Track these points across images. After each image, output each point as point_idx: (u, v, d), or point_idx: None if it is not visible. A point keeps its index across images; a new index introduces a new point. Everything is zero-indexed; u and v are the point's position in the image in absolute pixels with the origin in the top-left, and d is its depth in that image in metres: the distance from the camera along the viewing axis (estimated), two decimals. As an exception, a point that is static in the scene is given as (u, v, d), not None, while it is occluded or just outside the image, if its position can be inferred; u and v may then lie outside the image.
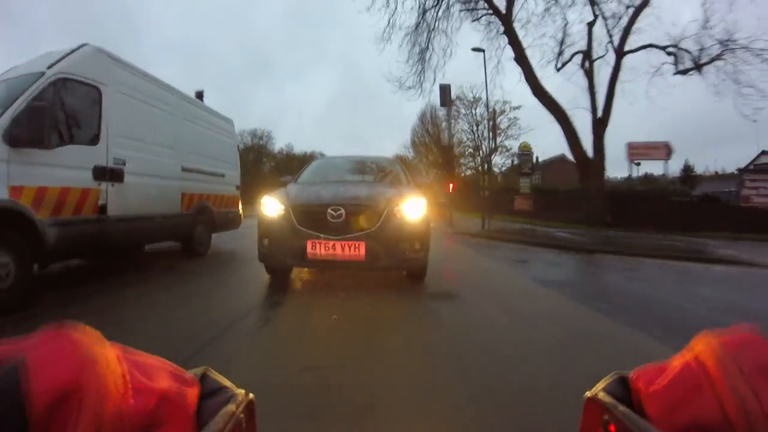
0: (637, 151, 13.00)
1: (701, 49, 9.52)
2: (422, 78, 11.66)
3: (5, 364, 0.21)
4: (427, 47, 11.17)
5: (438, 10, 11.53)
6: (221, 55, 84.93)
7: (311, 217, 2.96)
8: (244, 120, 71.79)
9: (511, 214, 17.08)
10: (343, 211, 2.93)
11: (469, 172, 30.28)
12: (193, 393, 0.27)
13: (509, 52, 11.17)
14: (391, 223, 2.96)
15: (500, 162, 30.35)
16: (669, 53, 9.96)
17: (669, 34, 11.71)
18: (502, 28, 11.38)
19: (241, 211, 6.38)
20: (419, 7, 11.41)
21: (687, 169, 51.84)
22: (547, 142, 51.52)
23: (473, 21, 11.75)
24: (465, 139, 28.12)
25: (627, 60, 10.76)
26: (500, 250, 6.45)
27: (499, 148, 28.69)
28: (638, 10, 10.28)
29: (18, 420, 0.19)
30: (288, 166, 33.40)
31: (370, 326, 2.30)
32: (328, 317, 2.40)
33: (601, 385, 0.31)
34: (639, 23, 10.44)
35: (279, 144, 43.84)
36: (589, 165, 10.53)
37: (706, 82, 9.76)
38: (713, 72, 9.73)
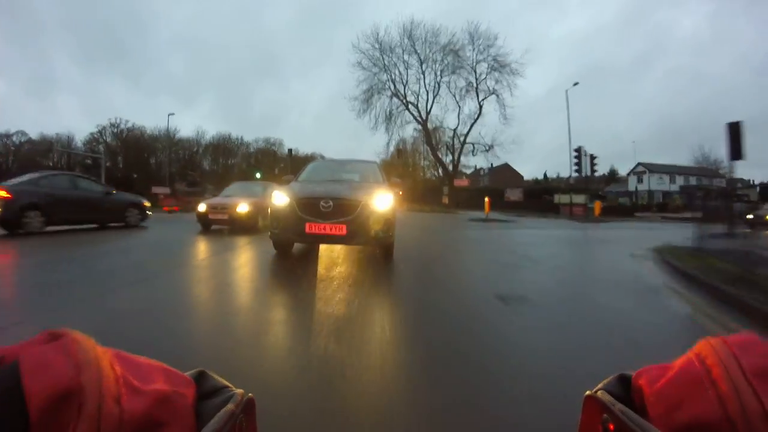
0: (458, 182, 30.00)
1: (478, 144, 26.79)
2: (389, 151, 28.59)
3: (2, 366, 0.21)
4: (389, 141, 27.63)
5: (396, 118, 28.12)
6: (227, 52, 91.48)
7: (309, 207, 4.14)
8: (248, 116, 79.62)
9: (440, 204, 33.83)
10: (331, 203, 4.11)
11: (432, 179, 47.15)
12: (190, 393, 0.27)
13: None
14: (366, 211, 4.12)
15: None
16: (473, 145, 27.06)
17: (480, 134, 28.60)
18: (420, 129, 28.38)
19: None
20: (386, 115, 28.10)
21: (611, 173, 71.20)
22: (498, 157, 68.11)
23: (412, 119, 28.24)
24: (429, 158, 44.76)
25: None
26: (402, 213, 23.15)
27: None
28: (473, 125, 27.35)
29: (21, 417, 0.19)
30: (293, 167, 45.32)
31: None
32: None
33: (601, 384, 0.31)
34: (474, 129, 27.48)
35: (286, 148, 52.19)
36: (450, 182, 27.60)
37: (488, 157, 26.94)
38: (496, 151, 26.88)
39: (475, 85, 26.13)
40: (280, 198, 4.33)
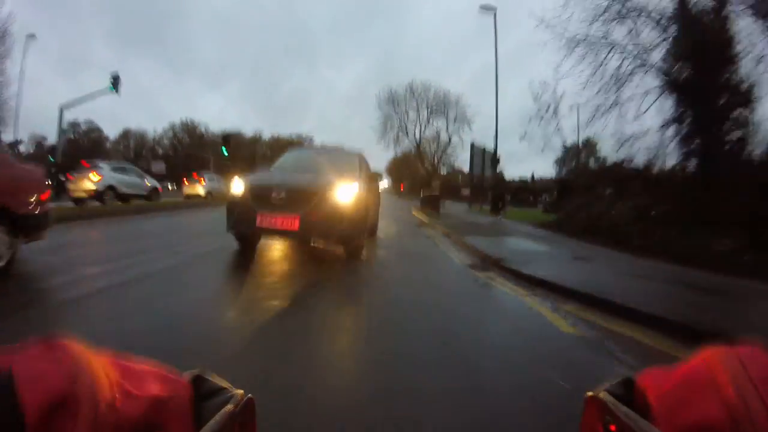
0: (434, 182, 47.19)
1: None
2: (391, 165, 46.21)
3: None
4: (395, 154, 44.49)
5: (401, 142, 45.03)
6: (260, 34, 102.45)
7: (260, 197, 3.90)
8: (272, 101, 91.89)
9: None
10: (284, 193, 3.85)
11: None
12: (187, 395, 0.27)
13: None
14: (324, 204, 3.82)
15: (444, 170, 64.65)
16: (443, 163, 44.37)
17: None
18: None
19: None
20: (395, 139, 45.31)
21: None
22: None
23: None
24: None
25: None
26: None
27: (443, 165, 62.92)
28: (444, 150, 44.72)
29: (17, 427, 0.19)
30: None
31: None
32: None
33: (604, 385, 0.31)
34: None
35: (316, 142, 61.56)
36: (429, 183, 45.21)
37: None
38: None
39: (446, 126, 43.20)
40: (237, 186, 4.15)
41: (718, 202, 6.32)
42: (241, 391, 0.30)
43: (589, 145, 38.17)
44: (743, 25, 7.81)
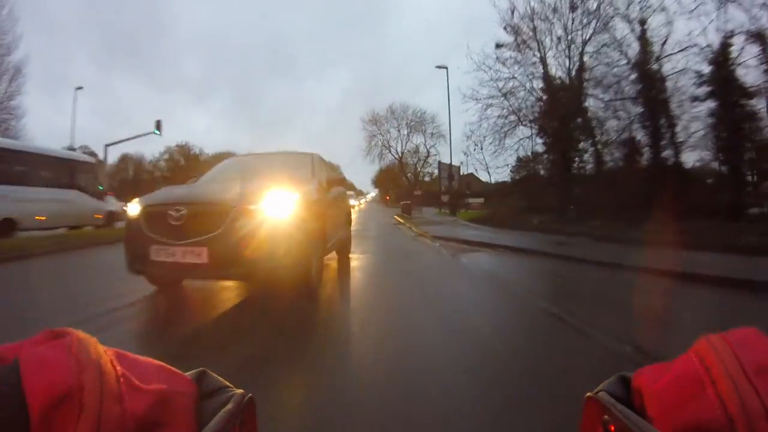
0: (416, 192, 53.28)
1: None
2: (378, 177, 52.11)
3: (3, 365, 0.21)
4: (379, 168, 50.19)
5: (384, 157, 51.39)
6: (242, 52, 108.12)
7: (154, 220, 2.81)
8: (255, 117, 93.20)
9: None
10: (184, 211, 2.72)
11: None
12: (191, 393, 0.28)
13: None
14: (242, 224, 2.70)
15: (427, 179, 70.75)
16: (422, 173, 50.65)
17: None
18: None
19: None
20: (379, 156, 51.21)
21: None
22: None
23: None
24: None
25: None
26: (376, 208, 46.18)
27: (422, 175, 68.97)
28: (423, 162, 50.87)
29: (21, 418, 0.20)
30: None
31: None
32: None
33: (602, 385, 0.31)
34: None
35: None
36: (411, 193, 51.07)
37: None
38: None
39: (424, 140, 49.26)
40: (132, 208, 3.03)
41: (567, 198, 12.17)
42: (242, 391, 0.30)
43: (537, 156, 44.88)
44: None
